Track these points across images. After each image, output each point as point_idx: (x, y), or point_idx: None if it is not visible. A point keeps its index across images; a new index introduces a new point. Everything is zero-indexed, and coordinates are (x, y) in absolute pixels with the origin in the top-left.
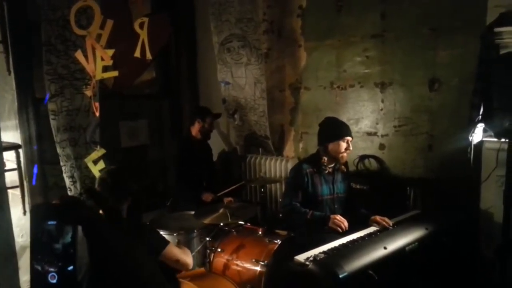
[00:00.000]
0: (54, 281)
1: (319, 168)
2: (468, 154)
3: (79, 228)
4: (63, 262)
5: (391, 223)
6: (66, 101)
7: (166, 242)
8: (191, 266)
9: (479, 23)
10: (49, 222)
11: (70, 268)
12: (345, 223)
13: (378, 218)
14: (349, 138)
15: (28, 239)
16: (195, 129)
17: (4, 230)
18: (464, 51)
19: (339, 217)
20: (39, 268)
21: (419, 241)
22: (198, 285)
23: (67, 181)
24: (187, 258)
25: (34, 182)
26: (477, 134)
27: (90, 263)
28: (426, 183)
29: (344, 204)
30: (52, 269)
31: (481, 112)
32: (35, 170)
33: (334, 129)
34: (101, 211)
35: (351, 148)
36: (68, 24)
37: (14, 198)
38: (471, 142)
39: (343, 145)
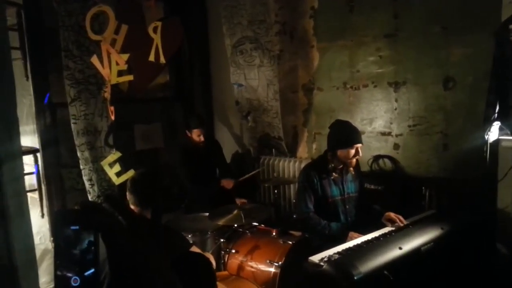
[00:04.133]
0: (77, 284)
1: (326, 171)
2: (484, 153)
3: (98, 233)
4: (81, 268)
5: (405, 221)
6: (83, 105)
7: (190, 244)
8: (214, 267)
9: (492, 21)
10: (72, 227)
11: (90, 272)
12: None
13: (392, 214)
14: (359, 145)
15: (46, 242)
16: (190, 139)
17: (24, 234)
18: (477, 49)
19: (356, 235)
20: (60, 273)
21: (435, 241)
22: (226, 284)
23: (86, 184)
24: (211, 257)
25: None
26: (493, 133)
27: (108, 269)
28: (441, 183)
29: (357, 203)
30: (71, 275)
31: (496, 110)
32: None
33: (345, 136)
34: (120, 217)
35: (360, 154)
36: (83, 29)
37: (32, 202)
38: (487, 140)
39: (353, 152)
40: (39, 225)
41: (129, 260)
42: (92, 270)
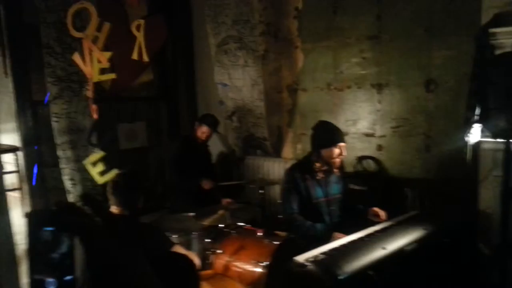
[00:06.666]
0: None
1: (311, 172)
2: (465, 155)
3: (76, 237)
4: (61, 273)
5: (384, 217)
6: (65, 103)
7: (173, 243)
8: (199, 267)
9: (473, 24)
10: (46, 228)
11: (69, 278)
12: None
13: (376, 208)
14: (342, 144)
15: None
16: (194, 131)
17: (4, 233)
18: (459, 51)
19: (341, 235)
20: (38, 277)
21: (418, 241)
22: (211, 284)
23: (67, 184)
24: (194, 257)
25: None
26: (474, 135)
27: (88, 273)
28: (423, 184)
29: (341, 204)
30: (50, 280)
31: (477, 113)
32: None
33: (328, 135)
34: (97, 219)
35: (344, 153)
36: (65, 26)
37: (14, 201)
38: (468, 142)
39: (336, 151)
40: (20, 224)
41: (107, 261)
42: (70, 277)
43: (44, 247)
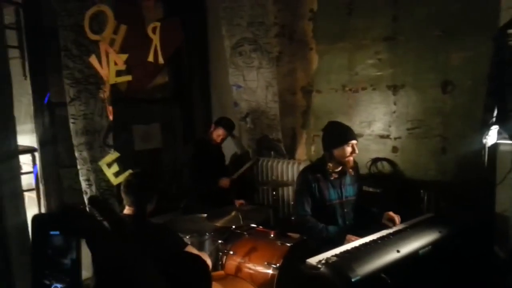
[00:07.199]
0: None
1: (325, 174)
2: (482, 157)
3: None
4: (72, 278)
5: (398, 222)
6: (82, 105)
7: (185, 243)
8: (210, 267)
9: (490, 25)
10: (51, 232)
11: (76, 282)
12: None
13: (391, 213)
14: (354, 141)
15: None
16: (210, 133)
17: (22, 234)
18: (476, 53)
19: (354, 237)
20: (47, 282)
21: (433, 244)
22: (223, 285)
23: (83, 184)
24: (207, 258)
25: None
26: (491, 136)
27: (94, 278)
28: (439, 186)
29: (355, 206)
30: (60, 285)
31: (495, 114)
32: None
33: (338, 135)
34: (105, 222)
35: (356, 151)
36: (82, 29)
37: (30, 201)
38: (485, 144)
39: (348, 149)
40: None
41: (114, 265)
42: (79, 281)
43: (50, 251)
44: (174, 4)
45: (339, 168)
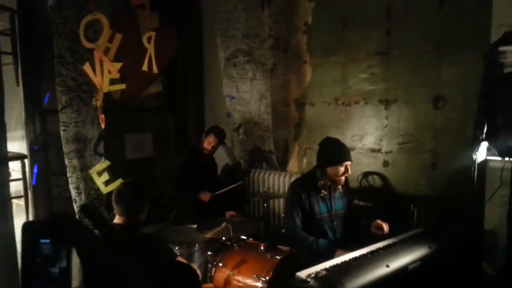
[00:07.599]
0: None
1: (315, 188)
2: (472, 173)
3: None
4: (57, 286)
5: (386, 230)
6: (74, 112)
7: (175, 254)
8: (200, 278)
9: (482, 42)
10: (42, 241)
11: None
12: None
13: (379, 221)
14: (348, 162)
15: None
16: (201, 142)
17: (7, 241)
18: (468, 69)
19: (343, 252)
20: None
21: (422, 259)
22: None
23: (73, 192)
24: (196, 270)
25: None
26: (481, 153)
27: (83, 286)
28: (429, 201)
29: (344, 220)
30: None
31: (485, 131)
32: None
33: (334, 154)
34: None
35: (349, 172)
36: (77, 37)
37: (18, 208)
38: (475, 160)
39: (342, 169)
40: None
41: (105, 274)
42: None
43: (42, 262)
44: (169, 14)
45: (329, 183)
